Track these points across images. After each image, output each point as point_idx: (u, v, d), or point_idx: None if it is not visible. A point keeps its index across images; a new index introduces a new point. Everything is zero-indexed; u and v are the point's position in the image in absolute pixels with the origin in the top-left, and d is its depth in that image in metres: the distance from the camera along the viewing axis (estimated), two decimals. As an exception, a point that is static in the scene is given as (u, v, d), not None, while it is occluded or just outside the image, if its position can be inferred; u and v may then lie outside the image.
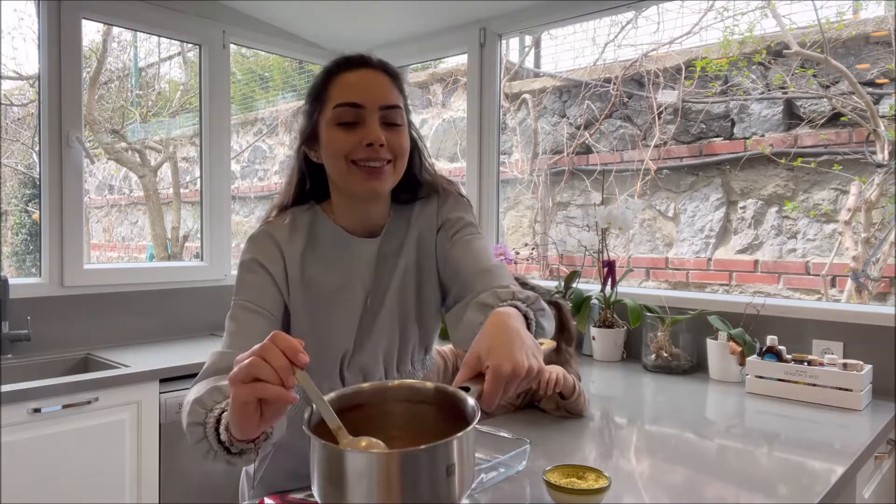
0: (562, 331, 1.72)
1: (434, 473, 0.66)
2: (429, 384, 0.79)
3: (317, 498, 0.71)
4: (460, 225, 1.13)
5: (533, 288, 1.72)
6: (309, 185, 1.12)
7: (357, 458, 0.67)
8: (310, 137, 1.07)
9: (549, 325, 0.99)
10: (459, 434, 0.68)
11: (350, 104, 1.01)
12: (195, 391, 0.89)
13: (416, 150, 1.10)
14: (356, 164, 1.02)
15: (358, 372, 1.12)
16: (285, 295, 1.07)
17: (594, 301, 2.41)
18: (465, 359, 0.80)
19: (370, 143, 1.00)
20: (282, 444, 1.11)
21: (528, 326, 0.89)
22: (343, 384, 1.08)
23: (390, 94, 1.03)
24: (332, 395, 0.76)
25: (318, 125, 1.05)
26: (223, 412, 0.81)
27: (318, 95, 1.05)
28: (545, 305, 0.99)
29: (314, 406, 0.72)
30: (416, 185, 1.14)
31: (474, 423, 0.69)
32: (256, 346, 0.71)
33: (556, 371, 1.58)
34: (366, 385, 0.81)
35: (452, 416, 0.73)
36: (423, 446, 0.66)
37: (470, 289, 1.01)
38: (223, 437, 0.80)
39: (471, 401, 0.72)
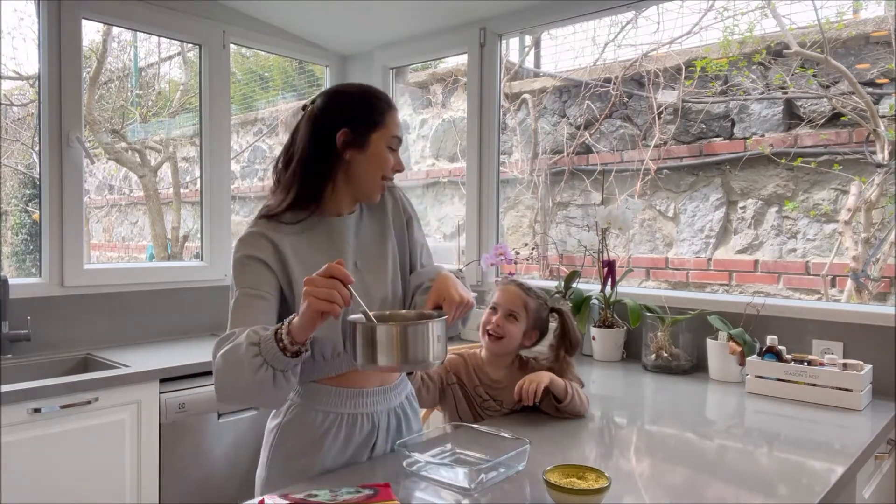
0: (563, 338, 1.70)
1: (430, 338, 1.13)
2: (413, 312, 1.29)
3: (358, 363, 1.13)
4: (417, 224, 1.51)
5: (529, 289, 1.73)
6: (315, 177, 1.33)
7: (384, 328, 1.12)
8: (358, 139, 1.30)
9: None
10: (439, 318, 1.16)
11: (399, 138, 1.35)
12: (240, 337, 1.16)
13: None
14: (383, 178, 1.34)
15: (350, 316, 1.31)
16: (280, 276, 1.28)
17: (594, 301, 2.41)
18: (429, 297, 1.26)
19: (397, 170, 1.35)
20: (291, 423, 1.35)
21: None
22: (343, 338, 1.30)
23: None
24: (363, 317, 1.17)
25: (369, 136, 1.31)
26: (277, 330, 1.13)
27: (376, 117, 1.32)
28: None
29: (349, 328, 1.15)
30: None
31: (444, 316, 1.19)
32: (325, 275, 1.08)
33: (538, 379, 1.57)
34: (386, 312, 1.28)
35: None
36: (420, 321, 1.17)
37: (423, 276, 1.42)
38: (285, 341, 1.11)
39: (438, 313, 1.22)
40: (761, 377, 1.90)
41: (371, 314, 1.15)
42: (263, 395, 1.15)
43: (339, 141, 1.29)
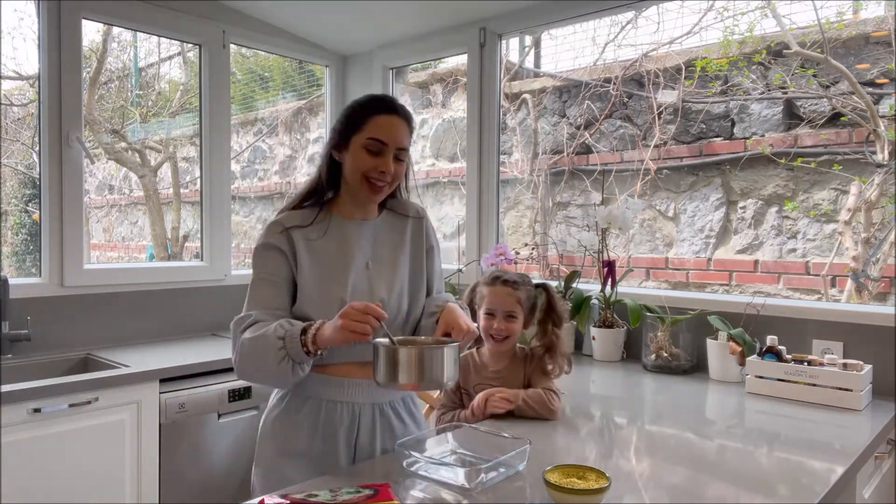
0: (549, 312, 1.73)
1: (444, 361, 1.26)
2: (430, 339, 1.40)
3: (379, 381, 1.27)
4: (438, 255, 1.63)
5: (515, 282, 1.73)
6: (329, 176, 1.49)
7: (405, 350, 1.26)
8: (340, 144, 1.45)
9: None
10: (453, 343, 1.30)
11: (378, 140, 1.42)
12: (265, 328, 1.33)
13: (406, 173, 1.54)
14: (367, 179, 1.43)
15: None
16: (292, 264, 1.43)
17: (594, 301, 2.41)
18: (438, 326, 1.40)
19: (383, 171, 1.42)
20: (275, 409, 1.47)
21: None
22: None
23: (405, 139, 1.46)
24: (386, 339, 1.31)
25: (349, 140, 1.43)
26: (304, 331, 1.31)
27: (356, 121, 1.43)
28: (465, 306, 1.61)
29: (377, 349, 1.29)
30: (396, 195, 1.58)
31: (457, 342, 1.32)
32: (361, 309, 1.25)
33: (485, 396, 1.62)
34: (409, 336, 1.45)
35: None
36: (437, 346, 1.30)
37: (432, 302, 1.56)
38: (309, 344, 1.29)
39: (452, 339, 1.36)
40: (761, 377, 1.90)
41: (394, 339, 1.31)
42: (281, 379, 1.35)
43: (330, 146, 1.48)
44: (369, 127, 1.42)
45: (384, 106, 1.45)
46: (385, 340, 1.30)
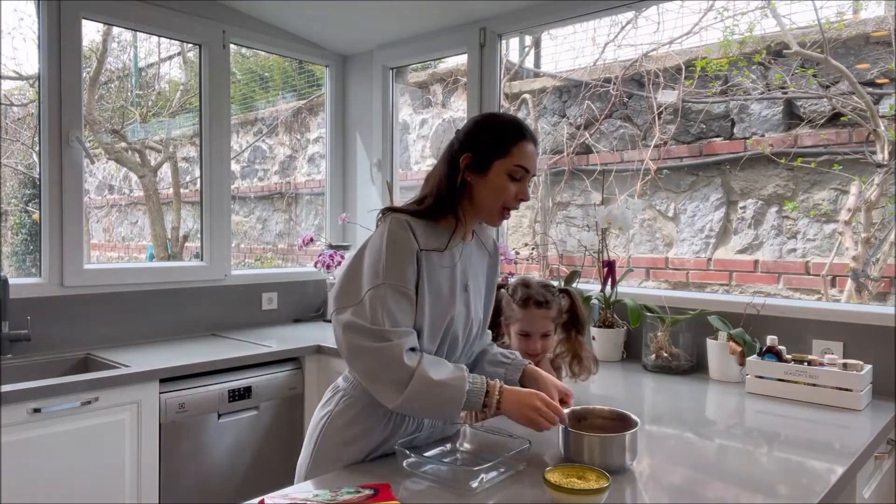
0: (574, 320, 1.75)
1: (624, 447, 1.29)
2: (607, 409, 1.43)
3: (565, 456, 1.33)
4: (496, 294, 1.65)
5: (546, 302, 1.73)
6: (447, 192, 1.43)
7: (589, 438, 1.29)
8: (479, 164, 1.40)
9: None
10: (633, 430, 1.31)
11: (525, 168, 1.41)
12: (444, 371, 1.31)
13: None
14: (503, 206, 1.42)
15: (448, 337, 1.43)
16: (419, 271, 1.37)
17: (594, 301, 2.41)
18: (550, 391, 1.43)
19: (521, 199, 1.43)
20: (342, 412, 1.42)
21: None
22: (442, 343, 1.42)
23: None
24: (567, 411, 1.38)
25: (492, 163, 1.40)
26: (488, 393, 1.32)
27: (502, 145, 1.40)
28: None
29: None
30: None
31: (636, 428, 1.31)
32: (553, 408, 1.33)
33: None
34: (589, 407, 1.45)
35: (621, 425, 1.38)
36: (620, 434, 1.30)
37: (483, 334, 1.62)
38: (490, 407, 1.32)
39: (634, 417, 1.36)
40: (761, 377, 1.90)
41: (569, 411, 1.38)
42: (442, 420, 1.43)
43: (462, 164, 1.41)
44: (516, 153, 1.40)
45: (527, 132, 1.44)
46: (568, 423, 1.34)
